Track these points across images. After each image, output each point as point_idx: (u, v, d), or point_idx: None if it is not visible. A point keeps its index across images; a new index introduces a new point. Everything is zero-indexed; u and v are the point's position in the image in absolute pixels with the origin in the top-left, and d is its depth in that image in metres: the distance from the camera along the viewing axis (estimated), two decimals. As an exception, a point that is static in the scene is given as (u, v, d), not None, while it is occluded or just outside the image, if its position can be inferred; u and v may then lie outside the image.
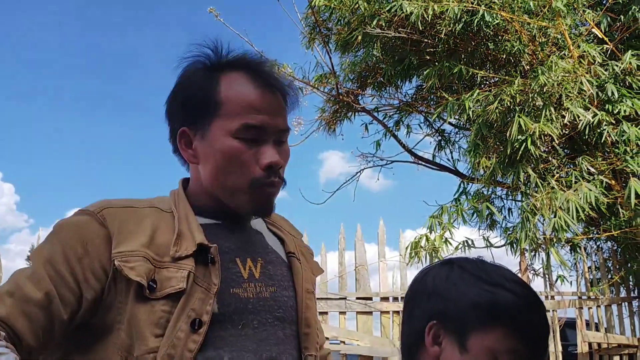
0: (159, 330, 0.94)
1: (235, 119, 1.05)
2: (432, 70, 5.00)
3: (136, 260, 0.97)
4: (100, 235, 0.99)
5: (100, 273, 0.97)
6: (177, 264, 0.99)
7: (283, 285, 1.11)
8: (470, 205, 4.80)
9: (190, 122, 1.09)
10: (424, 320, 1.05)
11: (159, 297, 0.96)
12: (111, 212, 1.02)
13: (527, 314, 1.00)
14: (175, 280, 0.97)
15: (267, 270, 1.10)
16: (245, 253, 1.09)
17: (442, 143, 6.60)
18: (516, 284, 1.03)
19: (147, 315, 0.95)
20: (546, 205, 4.20)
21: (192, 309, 0.96)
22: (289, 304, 1.10)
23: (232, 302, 1.01)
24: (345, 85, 6.35)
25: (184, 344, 0.94)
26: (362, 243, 5.72)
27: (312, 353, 1.10)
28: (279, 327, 1.06)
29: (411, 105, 6.32)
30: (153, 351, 0.93)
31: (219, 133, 1.06)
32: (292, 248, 1.19)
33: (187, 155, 1.11)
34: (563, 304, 5.51)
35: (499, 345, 0.98)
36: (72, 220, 1.03)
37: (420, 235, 4.73)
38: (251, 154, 1.06)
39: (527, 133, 4.18)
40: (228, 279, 1.03)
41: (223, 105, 1.07)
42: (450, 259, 1.12)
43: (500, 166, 4.44)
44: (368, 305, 5.38)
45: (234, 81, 1.09)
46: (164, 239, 1.02)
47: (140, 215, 1.04)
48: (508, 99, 4.32)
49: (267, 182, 1.07)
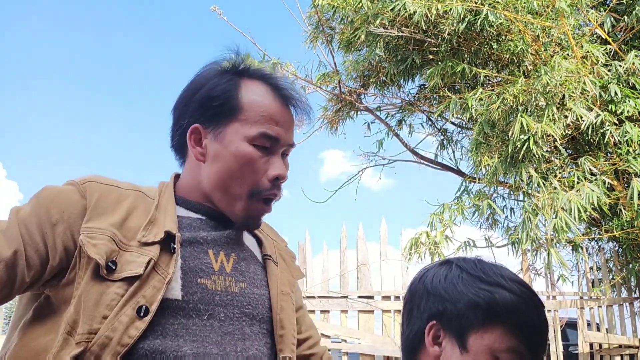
0: (108, 312, 0.93)
1: (254, 126, 1.08)
2: (435, 69, 5.00)
3: (101, 239, 0.97)
4: (78, 206, 1.00)
5: (71, 243, 0.98)
6: (141, 249, 0.99)
7: (255, 283, 1.10)
8: (471, 203, 4.79)
9: (205, 121, 1.10)
10: (423, 320, 1.05)
11: (116, 279, 0.95)
12: (94, 185, 1.03)
13: (526, 312, 1.01)
14: (135, 265, 0.96)
15: (239, 266, 1.09)
16: (220, 247, 1.08)
17: (445, 142, 6.59)
18: (515, 282, 1.04)
19: (100, 295, 0.94)
20: (548, 206, 4.20)
21: (143, 295, 0.95)
22: (260, 302, 1.08)
23: (197, 291, 1.00)
24: (348, 84, 6.36)
25: (125, 328, 0.92)
26: (363, 242, 5.73)
27: (287, 355, 1.08)
28: (246, 323, 1.04)
29: (414, 104, 6.32)
30: (93, 332, 0.92)
31: (235, 137, 1.08)
32: (270, 250, 1.18)
33: (195, 152, 1.11)
34: (564, 304, 5.51)
35: (498, 345, 0.99)
36: (56, 188, 1.03)
37: (421, 232, 4.73)
38: (262, 163, 1.08)
39: (529, 133, 4.17)
40: (197, 268, 1.02)
41: (243, 111, 1.09)
42: (449, 259, 1.13)
43: (503, 165, 4.44)
44: (369, 304, 5.38)
45: (254, 89, 1.11)
46: (137, 222, 1.02)
47: (121, 195, 1.05)
48: (511, 98, 4.32)
49: (268, 194, 1.09)
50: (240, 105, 1.09)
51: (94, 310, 0.93)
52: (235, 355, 0.99)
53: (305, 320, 1.27)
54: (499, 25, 4.76)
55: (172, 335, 0.95)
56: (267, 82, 1.14)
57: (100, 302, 0.93)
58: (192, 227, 1.08)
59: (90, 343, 0.91)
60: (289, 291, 1.15)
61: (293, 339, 1.12)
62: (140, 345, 0.93)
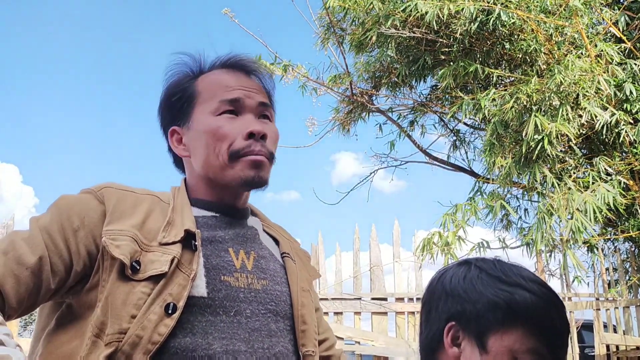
0: (136, 311, 0.93)
1: (213, 99, 1.12)
2: (447, 70, 4.98)
3: (123, 240, 0.98)
4: (98, 211, 1.01)
5: (93, 247, 0.98)
6: (163, 248, 0.99)
7: (276, 280, 1.10)
8: (485, 203, 4.76)
9: (176, 120, 1.15)
10: (442, 321, 1.04)
11: (141, 278, 0.95)
12: (110, 191, 1.05)
13: (546, 312, 1.00)
14: (159, 264, 0.97)
15: (259, 263, 1.10)
16: (239, 245, 1.09)
17: (457, 143, 6.57)
18: (534, 283, 1.02)
19: (127, 295, 0.94)
20: (563, 207, 4.16)
21: (170, 293, 0.95)
22: (282, 298, 1.09)
23: (222, 288, 1.01)
24: (360, 86, 6.35)
25: (155, 326, 0.92)
26: (376, 244, 5.71)
27: (310, 349, 1.08)
28: (271, 320, 1.04)
29: (426, 105, 6.30)
30: (123, 332, 0.92)
31: (201, 117, 1.12)
32: (287, 249, 1.19)
33: (179, 151, 1.16)
34: (580, 306, 5.46)
35: (519, 345, 0.98)
36: (73, 196, 1.05)
37: (433, 233, 4.70)
38: (233, 127, 1.09)
39: (543, 133, 4.14)
40: (219, 266, 1.03)
41: (200, 93, 1.14)
42: (467, 259, 1.11)
43: (516, 166, 4.40)
44: (383, 305, 5.36)
45: (209, 76, 1.17)
46: (156, 224, 1.03)
47: (137, 199, 1.06)
48: (524, 98, 4.29)
49: (247, 151, 1.08)
50: (197, 91, 1.14)
51: (122, 310, 0.93)
52: (263, 352, 1.00)
53: (322, 322, 1.27)
54: (511, 24, 4.73)
55: (201, 333, 0.96)
56: (219, 65, 1.19)
57: (128, 301, 0.94)
58: (209, 226, 1.09)
59: (120, 343, 0.91)
60: (308, 288, 1.16)
61: (315, 335, 1.12)
62: (170, 343, 0.93)
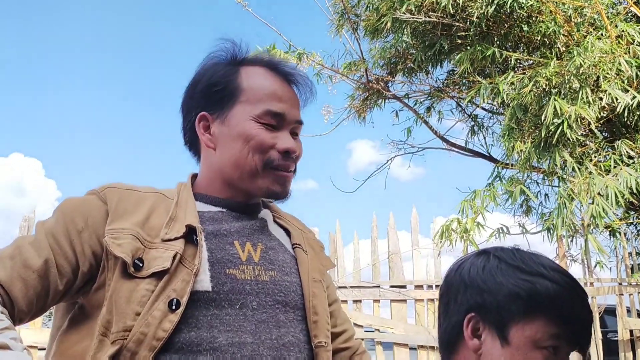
0: (140, 308, 0.94)
1: (258, 105, 1.10)
2: (464, 54, 4.90)
3: (125, 238, 0.98)
4: (101, 211, 1.02)
5: (98, 247, 0.99)
6: (166, 245, 0.99)
7: (285, 270, 1.10)
8: (504, 189, 4.70)
9: (210, 108, 1.13)
10: (461, 313, 1.02)
11: (144, 276, 0.96)
12: (113, 191, 1.05)
13: (568, 302, 0.98)
14: (162, 260, 0.97)
15: (267, 255, 1.09)
16: (245, 237, 1.09)
17: (475, 128, 6.48)
18: (555, 271, 1.00)
19: (130, 293, 0.94)
20: (584, 191, 4.10)
21: (174, 289, 0.95)
22: (292, 289, 1.08)
23: (227, 281, 1.00)
24: (375, 72, 6.29)
25: (159, 323, 0.92)
26: (394, 231, 5.70)
27: (322, 340, 1.07)
28: (280, 311, 1.04)
29: (442, 90, 6.22)
30: (128, 329, 0.92)
31: (240, 117, 1.10)
32: (299, 240, 1.18)
33: (205, 139, 1.14)
34: (602, 291, 5.40)
35: (541, 335, 0.96)
36: (77, 198, 1.06)
37: (452, 219, 4.66)
38: (270, 139, 1.09)
39: (563, 116, 4.07)
40: (224, 259, 1.03)
41: (245, 92, 1.11)
42: (486, 249, 1.09)
43: (536, 150, 4.34)
44: (402, 293, 5.35)
45: (254, 72, 1.14)
46: (159, 221, 1.03)
47: (140, 197, 1.07)
48: (543, 81, 4.21)
49: (281, 164, 1.10)
50: (242, 87, 1.11)
51: (126, 307, 0.93)
52: (271, 342, 0.99)
53: (340, 314, 1.26)
54: (529, 6, 4.65)
55: (206, 327, 0.95)
56: (265, 64, 1.16)
57: (131, 299, 0.94)
58: (215, 220, 1.09)
59: (125, 340, 0.91)
60: (320, 279, 1.15)
61: (327, 325, 1.11)
62: (175, 338, 0.93)
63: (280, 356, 0.99)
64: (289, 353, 1.01)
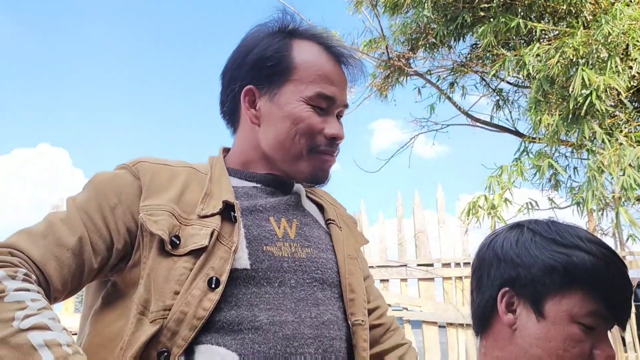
0: (179, 287, 0.92)
1: (310, 86, 1.07)
2: (488, 27, 4.79)
3: (161, 215, 0.96)
4: (134, 187, 1.00)
5: (132, 224, 0.97)
6: (202, 221, 0.97)
7: (321, 247, 1.07)
8: (531, 163, 4.61)
9: (259, 82, 1.09)
10: (494, 288, 1.00)
11: (182, 253, 0.94)
12: (145, 165, 1.03)
13: (607, 274, 0.94)
14: (199, 237, 0.95)
15: (302, 231, 1.07)
16: (280, 213, 1.07)
17: (500, 103, 6.36)
18: (593, 243, 0.96)
19: (168, 271, 0.93)
20: (614, 163, 4.00)
21: (212, 267, 0.93)
22: (328, 266, 1.06)
23: (265, 259, 0.98)
24: (396, 49, 6.20)
25: (199, 302, 0.91)
26: (420, 210, 5.66)
27: (359, 319, 1.05)
28: (318, 288, 1.01)
29: (466, 65, 6.11)
30: (168, 308, 0.91)
31: (291, 97, 1.07)
32: (332, 215, 1.16)
33: (250, 115, 1.10)
34: (635, 264, 5.31)
35: (578, 309, 0.93)
36: (108, 173, 1.04)
37: (479, 196, 4.60)
38: (318, 123, 1.07)
39: (591, 87, 3.96)
40: (261, 236, 1.01)
41: (297, 70, 1.08)
42: (519, 222, 1.06)
43: (564, 123, 4.24)
44: (429, 271, 5.33)
45: (307, 48, 1.10)
46: (193, 197, 1.01)
47: (173, 172, 1.04)
48: (570, 51, 4.10)
49: (326, 150, 1.08)
50: (294, 65, 1.08)
51: (165, 286, 0.92)
52: (311, 320, 0.97)
53: (373, 290, 1.24)
54: (554, -26, 4.51)
55: (246, 305, 0.94)
56: (318, 41, 1.12)
57: (170, 277, 0.92)
58: (249, 196, 1.07)
59: (165, 320, 0.90)
60: (355, 255, 1.13)
61: (364, 303, 1.09)
62: (216, 317, 0.92)
63: (320, 334, 0.97)
64: (329, 331, 0.99)
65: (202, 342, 0.90)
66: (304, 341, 0.94)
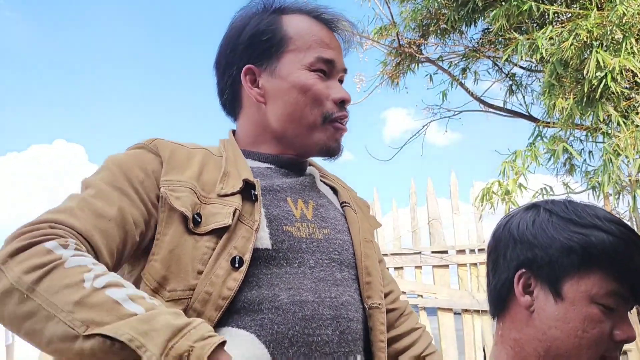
0: (202, 266, 0.90)
1: (308, 52, 1.07)
2: (500, 10, 4.73)
3: (183, 191, 0.94)
4: (156, 162, 0.98)
5: (156, 198, 0.95)
6: (223, 200, 0.96)
7: (337, 228, 1.06)
8: (546, 148, 4.56)
9: (256, 59, 1.08)
10: (511, 269, 0.98)
11: (203, 232, 0.92)
12: (162, 142, 1.02)
13: (626, 253, 0.92)
14: (221, 216, 0.93)
15: (319, 212, 1.06)
16: (296, 194, 1.06)
17: (513, 88, 6.29)
18: (612, 222, 0.95)
19: (191, 250, 0.91)
20: (630, 145, 3.95)
21: (235, 246, 0.92)
22: (345, 247, 1.05)
23: (285, 239, 0.97)
24: (407, 36, 6.15)
25: (223, 281, 0.89)
26: (434, 197, 5.64)
27: (376, 302, 1.04)
28: (336, 269, 1.01)
29: (478, 50, 6.05)
30: (192, 288, 0.89)
31: (292, 67, 1.06)
32: (346, 198, 1.15)
33: (254, 94, 1.09)
34: (652, 248, 5.24)
35: (597, 290, 0.91)
36: (125, 152, 1.01)
37: (492, 182, 4.56)
38: (325, 88, 1.07)
39: (606, 69, 3.90)
40: (280, 216, 1.00)
41: (293, 40, 1.07)
42: (536, 202, 1.05)
43: (578, 106, 4.18)
44: (444, 258, 5.31)
45: (297, 19, 1.11)
46: (211, 176, 0.99)
47: (189, 152, 1.03)
48: (584, 33, 4.04)
49: (339, 116, 1.07)
50: (289, 36, 1.07)
51: (189, 265, 0.90)
52: (330, 301, 0.96)
53: (386, 274, 1.23)
54: (566, -45, 4.44)
55: (267, 285, 0.93)
56: (306, 11, 1.12)
57: (193, 256, 0.91)
58: (265, 176, 1.05)
59: (190, 300, 0.89)
60: (371, 239, 1.12)
61: (381, 287, 1.08)
62: (238, 297, 0.90)
63: (340, 315, 0.96)
64: (347, 312, 0.98)
65: (223, 324, 0.89)
66: (322, 322, 0.93)
